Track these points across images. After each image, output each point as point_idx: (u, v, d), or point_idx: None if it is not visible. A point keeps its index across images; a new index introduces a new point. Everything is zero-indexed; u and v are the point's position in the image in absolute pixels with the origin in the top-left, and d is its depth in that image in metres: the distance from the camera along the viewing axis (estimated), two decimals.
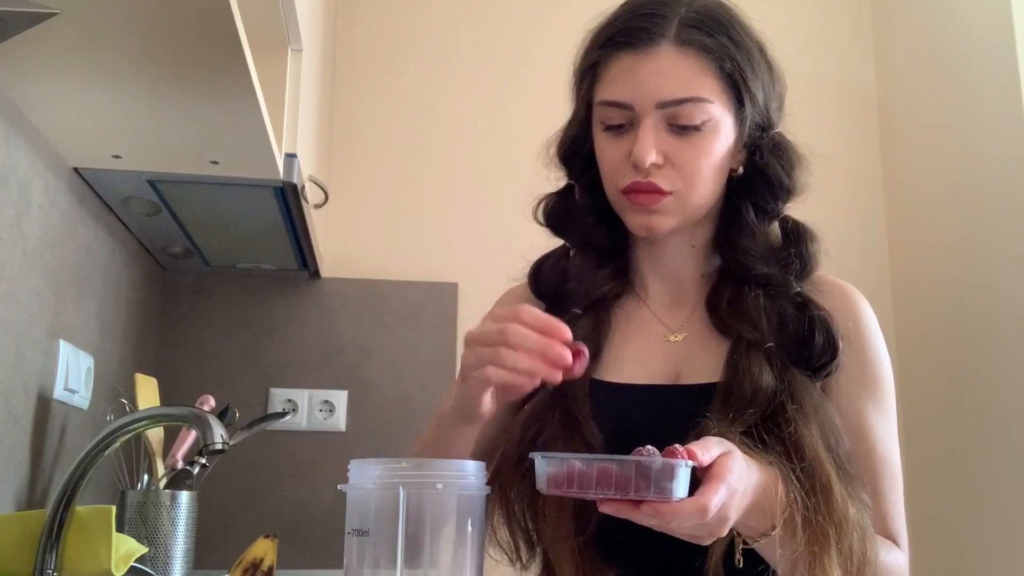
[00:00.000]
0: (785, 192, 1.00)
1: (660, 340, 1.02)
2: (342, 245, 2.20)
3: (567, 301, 1.03)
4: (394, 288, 2.18)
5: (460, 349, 2.19)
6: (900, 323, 2.32)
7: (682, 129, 0.93)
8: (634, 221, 0.98)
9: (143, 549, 1.07)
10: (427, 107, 2.31)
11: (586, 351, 0.84)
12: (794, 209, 1.04)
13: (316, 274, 2.12)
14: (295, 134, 1.51)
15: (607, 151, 0.98)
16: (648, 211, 0.95)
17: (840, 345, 0.94)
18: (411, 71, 2.33)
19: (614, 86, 0.96)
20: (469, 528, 0.73)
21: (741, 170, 1.00)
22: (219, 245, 1.90)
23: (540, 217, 1.09)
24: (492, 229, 2.22)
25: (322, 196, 1.74)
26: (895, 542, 0.97)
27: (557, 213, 1.08)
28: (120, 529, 1.27)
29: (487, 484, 0.77)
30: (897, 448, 1.01)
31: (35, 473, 1.32)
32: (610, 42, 0.97)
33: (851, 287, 1.05)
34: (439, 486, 0.72)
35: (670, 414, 0.95)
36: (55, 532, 0.99)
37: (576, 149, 1.04)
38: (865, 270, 2.31)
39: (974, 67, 2.10)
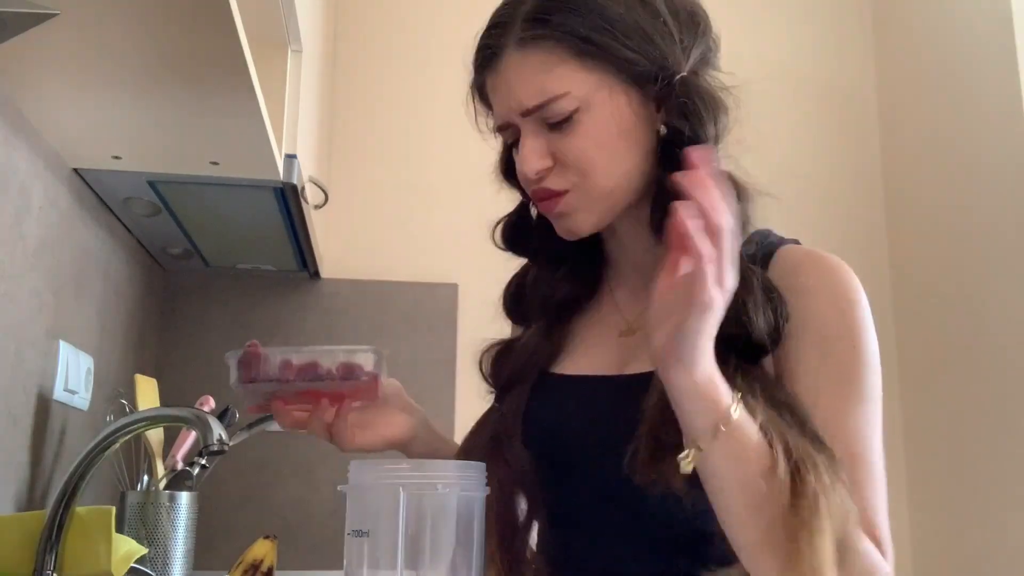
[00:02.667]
0: (697, 144, 0.86)
1: (616, 330, 0.98)
2: (342, 245, 2.20)
3: (530, 316, 1.02)
4: (394, 288, 2.18)
5: (460, 349, 2.20)
6: (900, 323, 2.32)
7: (556, 126, 0.88)
8: (557, 227, 0.94)
9: (143, 550, 1.08)
10: (427, 107, 2.31)
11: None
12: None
13: (316, 275, 2.12)
14: (295, 134, 1.51)
15: (516, 167, 0.95)
16: (558, 216, 0.91)
17: (755, 326, 0.82)
18: (411, 71, 2.33)
19: (494, 109, 0.95)
20: (469, 528, 0.73)
21: (664, 129, 0.89)
22: (219, 245, 1.90)
23: (498, 241, 1.05)
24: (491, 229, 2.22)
25: (322, 197, 1.74)
26: (878, 547, 0.83)
27: (510, 231, 1.05)
28: (120, 530, 1.27)
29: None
30: (874, 440, 0.85)
31: (35, 474, 1.32)
32: (475, 68, 0.97)
33: (829, 257, 0.92)
34: (439, 486, 0.72)
35: (605, 404, 0.91)
36: (55, 533, 0.99)
37: (508, 166, 1.02)
38: (865, 271, 2.30)
39: (974, 68, 2.10)
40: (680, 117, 0.87)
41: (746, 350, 0.84)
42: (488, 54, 0.92)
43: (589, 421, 0.91)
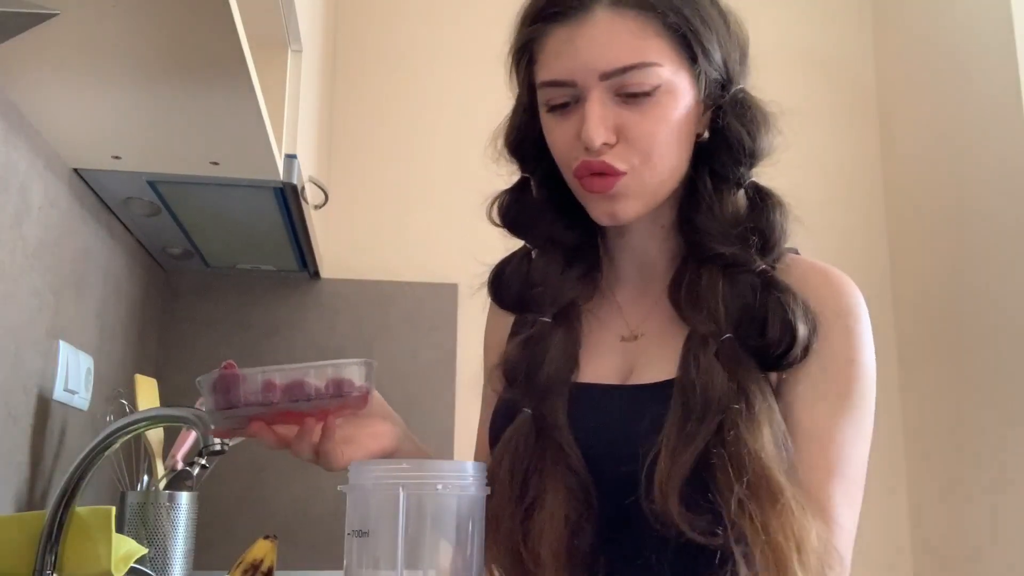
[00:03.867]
0: (748, 156, 0.90)
1: (618, 334, 0.96)
2: (342, 245, 2.20)
3: (533, 308, 0.96)
4: (394, 288, 2.18)
5: (460, 349, 2.20)
6: (900, 323, 2.32)
7: (632, 98, 0.85)
8: (596, 210, 0.90)
9: (143, 550, 1.07)
10: (427, 107, 2.31)
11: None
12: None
13: (316, 275, 2.12)
14: (295, 134, 1.51)
15: (555, 134, 0.90)
16: (607, 197, 0.88)
17: (800, 332, 0.83)
18: (411, 71, 2.33)
19: (552, 64, 0.88)
20: (469, 529, 0.73)
21: (707, 134, 0.90)
22: (219, 245, 1.90)
23: (495, 217, 1.01)
24: (492, 229, 2.21)
25: (322, 197, 1.74)
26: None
27: (514, 211, 1.00)
28: (120, 530, 1.27)
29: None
30: (856, 456, 0.86)
31: (35, 474, 1.32)
32: (541, 16, 0.89)
33: (837, 272, 0.92)
34: (439, 487, 0.72)
35: (616, 419, 0.89)
36: (55, 533, 0.99)
37: (524, 137, 0.96)
38: (865, 270, 2.31)
39: (974, 66, 2.10)
40: (742, 125, 0.89)
41: (777, 359, 0.85)
42: (573, 3, 0.87)
43: (605, 436, 0.88)
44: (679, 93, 0.87)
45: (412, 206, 2.26)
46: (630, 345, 0.94)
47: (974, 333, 2.05)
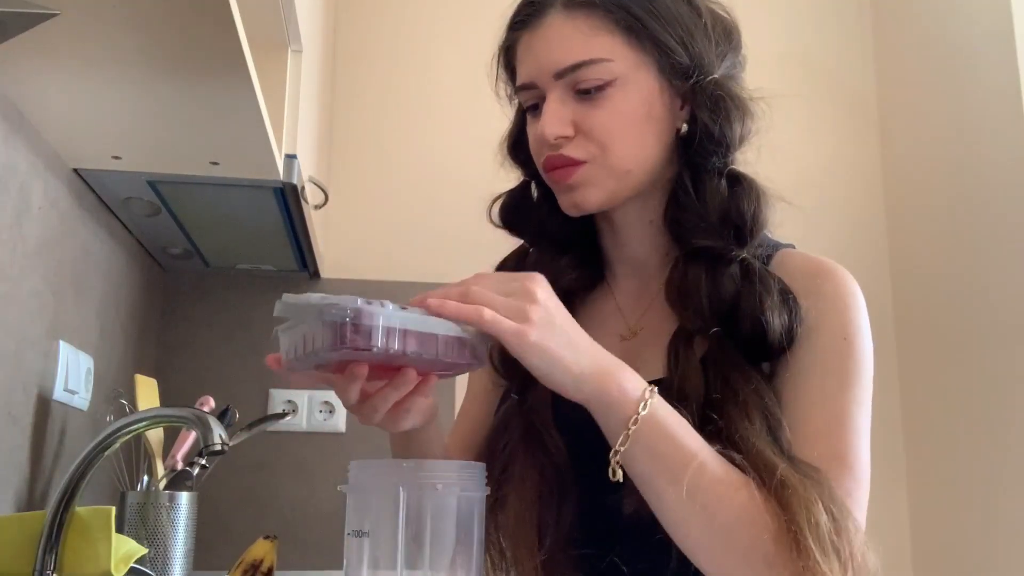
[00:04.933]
0: (719, 145, 0.90)
1: (617, 333, 0.97)
2: (342, 246, 2.20)
3: None
4: (394, 288, 2.18)
5: None
6: (900, 323, 2.32)
7: (586, 93, 0.89)
8: (562, 202, 0.93)
9: (143, 550, 1.07)
10: (427, 107, 2.31)
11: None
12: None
13: (316, 275, 2.12)
14: (295, 134, 1.51)
15: (530, 133, 0.95)
16: (569, 187, 0.91)
17: (773, 321, 0.84)
18: (411, 71, 2.33)
19: (520, 69, 0.94)
20: (469, 528, 0.73)
21: (685, 127, 0.92)
22: (219, 246, 1.90)
23: (495, 217, 1.05)
24: (493, 230, 2.22)
25: (322, 197, 1.74)
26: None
27: (511, 210, 1.04)
28: (120, 530, 1.27)
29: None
30: (855, 433, 0.83)
31: (35, 474, 1.32)
32: (512, 26, 0.96)
33: (830, 262, 0.92)
34: (439, 486, 0.72)
35: None
36: (55, 533, 0.99)
37: (517, 142, 1.01)
38: (865, 269, 2.31)
39: (974, 67, 2.10)
40: (709, 115, 0.90)
41: (759, 350, 0.85)
42: (531, 11, 0.92)
43: (591, 431, 0.86)
44: (635, 86, 0.89)
45: (412, 206, 2.26)
46: (629, 343, 0.96)
47: (974, 332, 2.05)
